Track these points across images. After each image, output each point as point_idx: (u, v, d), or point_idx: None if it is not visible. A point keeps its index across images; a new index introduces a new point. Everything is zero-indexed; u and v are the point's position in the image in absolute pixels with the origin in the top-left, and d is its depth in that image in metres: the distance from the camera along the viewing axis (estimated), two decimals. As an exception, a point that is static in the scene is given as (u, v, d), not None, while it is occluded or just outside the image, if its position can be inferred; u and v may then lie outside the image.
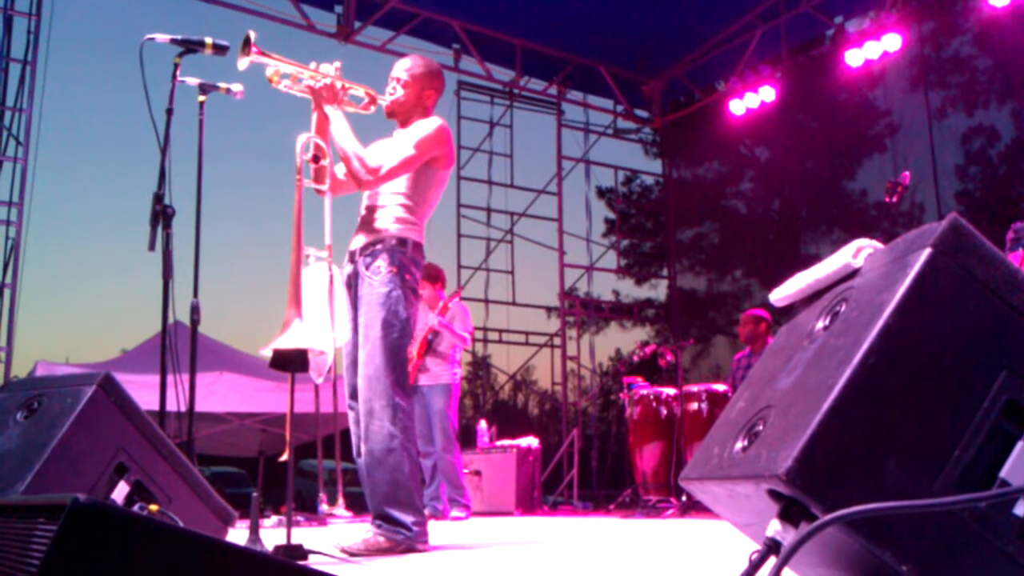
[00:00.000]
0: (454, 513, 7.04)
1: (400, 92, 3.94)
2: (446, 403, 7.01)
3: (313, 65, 3.72)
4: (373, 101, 3.92)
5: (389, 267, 3.67)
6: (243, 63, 3.56)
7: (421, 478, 7.16)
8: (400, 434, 3.56)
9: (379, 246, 3.73)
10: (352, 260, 3.79)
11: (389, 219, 3.78)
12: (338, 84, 3.74)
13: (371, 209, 3.84)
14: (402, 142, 3.80)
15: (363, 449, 3.61)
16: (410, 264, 3.75)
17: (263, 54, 3.57)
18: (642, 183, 17.80)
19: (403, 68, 3.97)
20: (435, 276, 7.21)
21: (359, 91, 3.88)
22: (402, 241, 3.74)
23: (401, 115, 3.95)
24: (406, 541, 3.53)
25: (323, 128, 3.72)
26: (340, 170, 3.82)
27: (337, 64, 3.78)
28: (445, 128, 3.88)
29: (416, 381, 7.07)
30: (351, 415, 3.83)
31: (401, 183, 3.80)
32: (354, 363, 3.74)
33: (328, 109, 3.70)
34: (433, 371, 7.06)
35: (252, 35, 3.52)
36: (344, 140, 3.68)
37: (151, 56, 3.79)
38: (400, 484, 3.55)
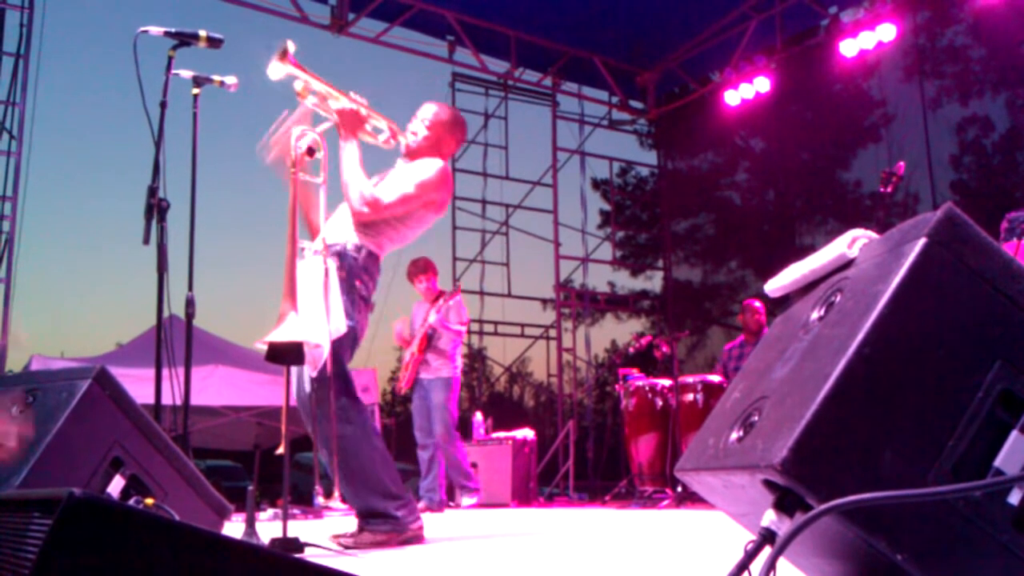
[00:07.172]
0: (465, 501, 7.10)
1: (422, 134, 3.94)
2: (446, 396, 7.04)
3: (353, 95, 3.74)
4: (394, 135, 3.93)
5: (338, 271, 3.61)
6: (277, 71, 3.51)
7: (416, 470, 7.22)
8: (358, 430, 3.52)
9: (335, 247, 3.68)
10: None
11: (354, 225, 3.73)
12: (363, 112, 3.75)
13: (343, 212, 3.80)
14: (404, 178, 3.77)
15: (323, 452, 3.57)
16: (361, 271, 3.68)
17: (299, 67, 3.55)
18: (637, 174, 17.85)
19: (430, 112, 3.98)
20: (426, 267, 7.25)
21: (382, 123, 3.88)
22: (359, 248, 3.69)
23: (416, 157, 3.92)
24: (396, 528, 3.54)
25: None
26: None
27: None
28: (447, 172, 3.87)
29: (417, 375, 7.10)
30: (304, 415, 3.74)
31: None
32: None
33: (346, 135, 3.71)
34: (433, 365, 7.09)
35: (291, 46, 3.50)
36: (350, 167, 3.67)
37: (145, 49, 3.78)
38: (370, 476, 3.53)
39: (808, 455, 1.24)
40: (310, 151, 3.62)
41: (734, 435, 1.47)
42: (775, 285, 1.78)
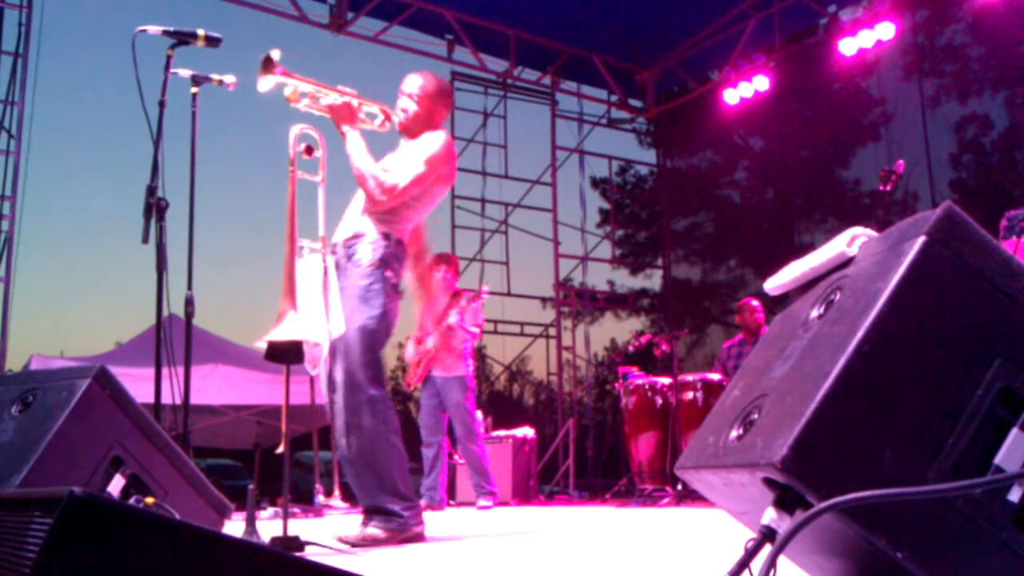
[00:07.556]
0: (480, 503, 7.08)
1: (412, 109, 3.96)
2: (463, 395, 7.03)
3: (341, 87, 3.78)
4: (388, 118, 3.97)
5: (371, 260, 3.65)
6: (265, 83, 3.55)
7: (419, 467, 7.22)
8: (381, 425, 3.55)
9: (363, 237, 3.71)
10: (334, 251, 3.76)
11: (374, 215, 3.76)
12: (354, 102, 3.79)
13: (360, 201, 3.83)
14: (412, 158, 3.80)
15: (342, 443, 3.59)
16: (392, 259, 3.72)
17: (285, 73, 3.58)
18: (636, 173, 17.84)
19: (416, 85, 4.00)
20: (448, 259, 7.30)
21: (374, 108, 3.93)
22: (386, 235, 3.73)
23: (413, 132, 3.97)
24: (399, 527, 3.54)
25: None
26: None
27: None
28: (450, 143, 3.92)
29: (429, 372, 7.09)
30: (330, 408, 3.78)
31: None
32: (332, 354, 3.71)
33: (345, 128, 3.74)
34: (446, 363, 7.07)
35: (276, 54, 3.52)
36: (360, 159, 3.72)
37: (144, 48, 3.78)
38: (384, 474, 3.55)
39: (808, 453, 1.24)
40: (308, 150, 3.62)
41: (734, 433, 1.47)
42: (775, 283, 1.78)
